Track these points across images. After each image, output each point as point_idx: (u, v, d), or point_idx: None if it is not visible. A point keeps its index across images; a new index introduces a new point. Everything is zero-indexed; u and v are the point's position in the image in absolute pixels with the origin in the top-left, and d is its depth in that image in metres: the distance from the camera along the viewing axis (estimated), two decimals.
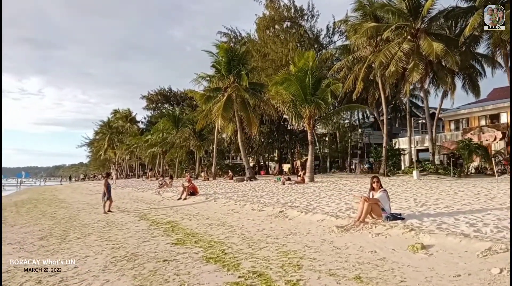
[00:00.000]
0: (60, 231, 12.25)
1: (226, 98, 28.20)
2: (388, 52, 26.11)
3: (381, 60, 26.29)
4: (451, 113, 41.16)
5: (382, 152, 33.16)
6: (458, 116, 41.16)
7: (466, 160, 27.92)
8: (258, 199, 14.95)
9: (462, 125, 40.75)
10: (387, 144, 35.49)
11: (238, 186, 24.16)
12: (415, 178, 23.88)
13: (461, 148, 28.83)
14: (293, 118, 23.43)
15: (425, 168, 27.37)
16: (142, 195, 24.11)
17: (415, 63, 25.52)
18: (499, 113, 38.03)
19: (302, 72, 22.61)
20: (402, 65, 26.24)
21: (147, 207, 16.95)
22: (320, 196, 14.88)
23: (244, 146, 30.28)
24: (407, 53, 25.81)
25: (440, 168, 27.88)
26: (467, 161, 27.52)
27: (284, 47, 34.12)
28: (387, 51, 26.15)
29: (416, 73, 25.45)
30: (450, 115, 41.39)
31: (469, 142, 29.09)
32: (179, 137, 41.14)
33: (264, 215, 11.44)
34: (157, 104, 74.26)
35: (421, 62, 25.74)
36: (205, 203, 16.15)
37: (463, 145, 28.73)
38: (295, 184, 21.18)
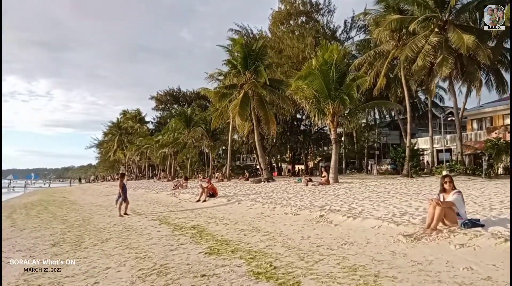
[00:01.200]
0: (73, 236, 11.11)
1: (243, 95, 26.91)
2: (415, 45, 24.74)
3: (407, 54, 24.92)
4: (474, 111, 39.59)
5: (405, 152, 31.75)
6: (481, 114, 39.57)
7: (495, 160, 26.43)
8: (287, 202, 13.68)
9: (485, 124, 39.19)
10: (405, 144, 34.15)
11: (257, 187, 22.91)
12: None
13: (489, 147, 27.41)
14: (316, 115, 22.07)
15: (454, 169, 25.91)
16: (156, 196, 22.96)
17: (444, 57, 24.10)
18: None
19: (326, 66, 21.26)
20: (430, 60, 24.83)
21: (165, 210, 15.76)
22: (357, 198, 13.56)
23: (260, 147, 28.96)
24: (435, 47, 24.40)
25: (469, 169, 26.40)
26: (497, 161, 26.02)
27: (300, 42, 32.82)
28: (413, 45, 24.78)
29: (445, 67, 24.04)
30: (472, 114, 39.84)
31: (497, 141, 27.66)
32: (191, 137, 39.94)
33: (301, 220, 10.17)
34: (166, 105, 73.48)
35: (450, 55, 24.32)
36: (228, 205, 14.92)
37: (491, 144, 27.32)
38: (320, 186, 19.88)
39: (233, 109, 26.71)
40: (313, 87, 21.28)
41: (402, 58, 25.10)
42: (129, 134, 70.63)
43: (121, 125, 73.15)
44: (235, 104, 26.67)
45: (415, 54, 24.88)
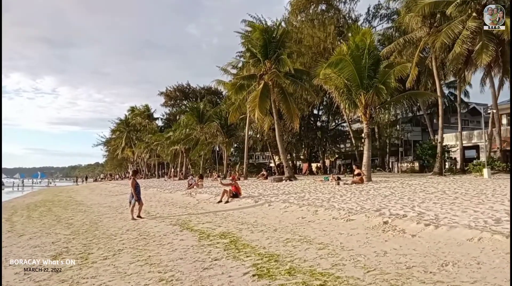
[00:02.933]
0: (79, 245, 9.29)
1: (263, 86, 24.85)
2: (451, 31, 22.57)
3: (443, 41, 22.74)
4: (504, 106, 37.15)
5: (432, 149, 29.63)
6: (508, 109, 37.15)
7: None
8: (328, 204, 11.71)
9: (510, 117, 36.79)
10: (432, 141, 31.97)
11: (281, 186, 20.93)
12: (487, 178, 20.28)
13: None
14: (347, 107, 20.00)
15: (493, 166, 23.73)
16: (171, 196, 21.10)
17: (484, 44, 21.91)
18: None
19: (358, 51, 19.17)
20: (467, 47, 22.67)
21: (183, 212, 13.87)
22: (413, 199, 11.51)
23: (282, 143, 26.82)
24: (473, 32, 22.22)
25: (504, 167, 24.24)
26: None
27: (321, 31, 30.77)
28: (449, 31, 22.60)
29: (485, 55, 21.83)
30: (502, 109, 37.38)
31: None
32: (205, 133, 37.98)
33: (360, 227, 8.22)
34: (175, 101, 71.43)
35: (490, 42, 22.13)
36: (256, 207, 12.99)
37: None
38: (354, 185, 17.85)
39: (252, 101, 24.67)
40: (343, 76, 19.23)
41: (437, 45, 22.87)
42: (138, 131, 68.80)
43: (129, 121, 71.30)
44: (254, 96, 24.64)
45: (451, 40, 22.72)
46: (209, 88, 65.60)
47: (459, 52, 22.28)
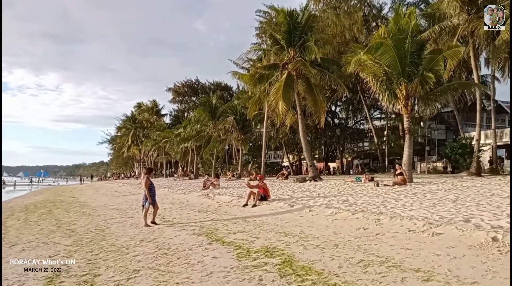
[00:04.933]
0: (83, 262, 7.33)
1: (286, 76, 22.67)
2: None
3: None
4: None
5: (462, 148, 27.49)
6: None
7: None
8: (386, 210, 9.59)
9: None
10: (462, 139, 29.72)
11: (309, 187, 18.82)
12: None
13: None
14: (387, 98, 17.76)
15: None
16: (185, 198, 19.04)
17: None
18: None
19: (402, 35, 16.91)
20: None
21: (205, 217, 11.79)
22: (495, 205, 9.37)
23: (306, 139, 24.52)
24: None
25: None
26: None
27: (347, 18, 28.59)
28: None
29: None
30: None
31: None
32: (219, 129, 35.80)
33: (458, 245, 6.15)
34: (184, 97, 69.28)
35: None
36: (294, 213, 10.87)
37: None
38: (396, 186, 15.66)
39: (275, 93, 22.42)
40: (384, 62, 17.01)
41: (481, 32, 20.59)
42: (145, 128, 66.64)
43: (136, 118, 69.12)
44: (277, 87, 22.37)
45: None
46: (219, 83, 63.76)
47: (507, 38, 19.98)
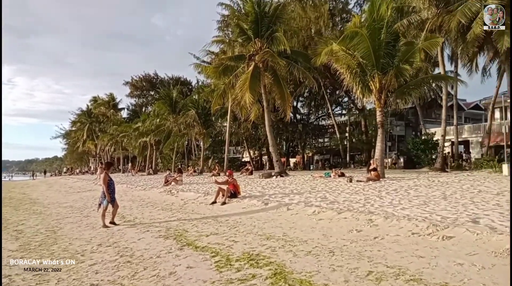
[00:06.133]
0: (27, 274, 6.06)
1: (253, 68, 21.64)
2: (468, 10, 20.29)
3: (459, 20, 20.38)
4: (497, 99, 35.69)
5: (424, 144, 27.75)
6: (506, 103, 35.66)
7: None
8: (375, 208, 8.89)
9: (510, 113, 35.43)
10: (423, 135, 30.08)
11: (278, 183, 17.97)
12: (506, 174, 18.10)
13: None
14: (360, 90, 17.13)
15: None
16: (146, 195, 17.71)
17: (506, 24, 19.68)
18: None
19: (378, 24, 16.25)
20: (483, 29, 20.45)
21: (170, 216, 10.67)
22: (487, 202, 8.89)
23: (272, 134, 23.59)
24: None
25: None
26: None
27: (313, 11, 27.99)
28: (466, 9, 20.32)
29: (507, 36, 19.63)
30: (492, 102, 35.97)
31: None
32: (180, 123, 34.26)
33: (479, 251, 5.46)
34: (142, 91, 67.55)
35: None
36: (270, 212, 9.97)
37: None
38: (370, 182, 15.11)
39: (241, 85, 21.29)
40: (358, 53, 16.38)
41: (453, 25, 20.44)
42: (101, 122, 63.84)
43: (91, 112, 66.05)
44: (244, 78, 21.27)
45: (468, 20, 20.41)
46: (178, 78, 62.46)
47: (479, 32, 19.98)
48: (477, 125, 38.56)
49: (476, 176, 17.75)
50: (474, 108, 47.21)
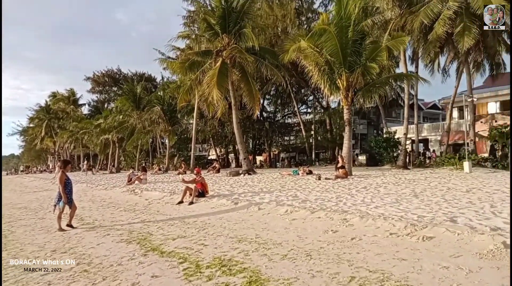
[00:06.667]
0: None
1: (221, 63, 21.05)
2: (430, 11, 20.63)
3: (421, 21, 20.69)
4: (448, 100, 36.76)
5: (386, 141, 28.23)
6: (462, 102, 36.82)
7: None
8: (348, 207, 8.61)
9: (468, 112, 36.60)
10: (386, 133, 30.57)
11: (246, 181, 17.53)
12: (467, 172, 18.53)
13: (497, 136, 24.32)
14: (328, 88, 16.95)
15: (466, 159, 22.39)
16: (108, 194, 16.80)
17: (466, 26, 20.18)
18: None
19: (346, 22, 16.10)
20: (445, 30, 20.89)
21: (133, 218, 10.00)
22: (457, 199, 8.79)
23: (240, 132, 23.05)
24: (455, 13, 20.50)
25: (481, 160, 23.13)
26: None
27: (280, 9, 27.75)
28: (428, 10, 20.66)
29: (467, 37, 20.12)
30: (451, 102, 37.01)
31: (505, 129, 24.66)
32: (145, 120, 33.10)
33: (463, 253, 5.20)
34: (104, 87, 65.54)
35: (473, 24, 20.44)
36: (240, 212, 9.51)
37: (499, 133, 24.25)
38: (338, 180, 14.95)
39: (209, 81, 20.63)
40: (326, 50, 16.20)
41: (416, 26, 20.76)
42: (60, 118, 61.20)
43: (50, 108, 63.19)
44: (211, 74, 20.58)
45: (430, 21, 20.77)
46: (143, 74, 61.01)
47: (441, 33, 20.35)
48: (436, 124, 39.70)
49: (439, 174, 18.06)
50: (432, 108, 48.73)
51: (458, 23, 20.68)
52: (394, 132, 30.53)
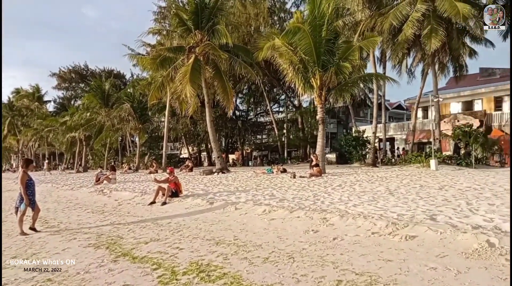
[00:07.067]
0: None
1: (194, 60, 20.43)
2: (399, 13, 20.92)
3: (391, 22, 20.94)
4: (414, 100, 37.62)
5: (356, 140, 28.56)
6: (427, 103, 37.66)
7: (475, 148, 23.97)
8: (326, 206, 8.41)
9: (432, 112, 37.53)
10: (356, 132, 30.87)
11: (219, 180, 17.14)
12: (434, 169, 18.88)
13: (461, 135, 24.94)
14: (302, 87, 16.78)
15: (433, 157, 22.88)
16: (74, 195, 16.04)
17: (433, 28, 20.56)
18: (474, 99, 35.35)
19: (320, 21, 15.92)
20: (413, 31, 21.23)
21: (102, 220, 9.47)
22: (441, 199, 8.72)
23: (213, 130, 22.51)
24: (423, 15, 20.85)
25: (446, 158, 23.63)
26: (484, 151, 23.83)
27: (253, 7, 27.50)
28: (397, 12, 20.93)
29: (434, 39, 20.53)
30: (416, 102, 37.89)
31: (468, 128, 25.30)
32: (114, 117, 32.00)
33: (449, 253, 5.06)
34: (70, 83, 63.51)
35: (439, 26, 20.86)
36: (216, 212, 9.15)
37: (462, 132, 24.87)
38: (313, 178, 14.80)
39: (182, 77, 19.98)
40: (301, 49, 16.02)
41: (385, 27, 21.00)
42: (24, 116, 58.69)
43: (13, 105, 60.56)
44: (184, 71, 19.90)
45: (399, 22, 21.08)
46: (111, 70, 59.48)
47: (410, 33, 20.65)
48: (402, 123, 40.62)
49: (408, 171, 18.29)
50: (397, 108, 50.02)
51: (425, 25, 21.08)
52: (363, 131, 30.91)
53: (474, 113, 33.12)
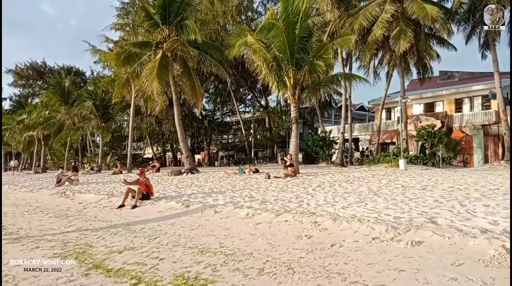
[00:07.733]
0: None
1: (161, 56, 19.54)
2: (369, 14, 21.06)
3: (361, 23, 21.04)
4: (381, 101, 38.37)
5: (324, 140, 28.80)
6: (390, 104, 38.41)
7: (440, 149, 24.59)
8: (313, 208, 8.01)
9: (395, 113, 38.32)
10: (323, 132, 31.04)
11: (190, 181, 16.46)
12: (403, 169, 19.07)
13: (426, 135, 25.56)
14: (276, 85, 16.39)
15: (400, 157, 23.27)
16: (34, 197, 14.91)
17: (402, 29, 20.84)
18: (435, 101, 36.36)
19: (294, 18, 15.55)
20: (383, 32, 21.43)
21: (67, 226, 8.67)
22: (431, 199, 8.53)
23: (182, 129, 21.68)
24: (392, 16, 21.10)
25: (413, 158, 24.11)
26: (447, 151, 24.44)
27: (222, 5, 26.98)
28: (367, 13, 21.09)
29: (403, 40, 20.83)
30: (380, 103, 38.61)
31: (432, 129, 25.95)
32: (75, 115, 30.37)
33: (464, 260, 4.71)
34: (28, 80, 60.91)
35: (408, 28, 21.14)
36: (194, 216, 8.56)
37: (427, 133, 25.50)
38: (288, 178, 14.43)
39: (148, 73, 19.04)
40: (275, 46, 15.63)
41: (356, 27, 21.10)
42: None
43: None
44: (151, 67, 18.96)
45: (369, 23, 21.23)
46: (71, 67, 57.40)
47: (380, 34, 20.84)
48: (366, 124, 41.40)
49: (379, 171, 18.39)
50: (359, 109, 51.12)
51: (394, 26, 21.32)
52: (329, 132, 31.12)
53: (436, 115, 34.06)
